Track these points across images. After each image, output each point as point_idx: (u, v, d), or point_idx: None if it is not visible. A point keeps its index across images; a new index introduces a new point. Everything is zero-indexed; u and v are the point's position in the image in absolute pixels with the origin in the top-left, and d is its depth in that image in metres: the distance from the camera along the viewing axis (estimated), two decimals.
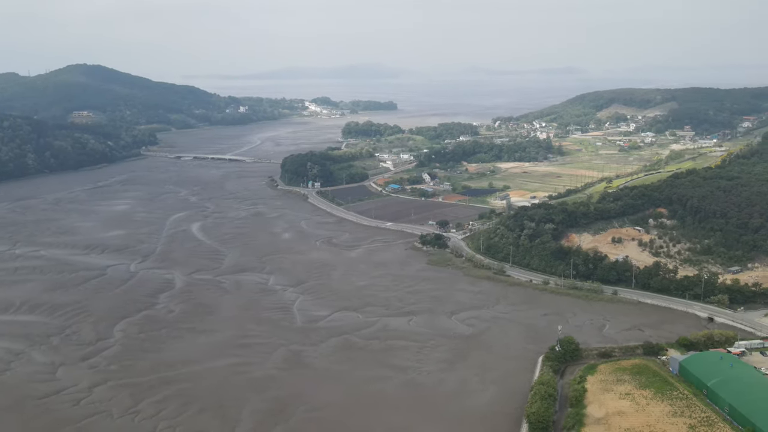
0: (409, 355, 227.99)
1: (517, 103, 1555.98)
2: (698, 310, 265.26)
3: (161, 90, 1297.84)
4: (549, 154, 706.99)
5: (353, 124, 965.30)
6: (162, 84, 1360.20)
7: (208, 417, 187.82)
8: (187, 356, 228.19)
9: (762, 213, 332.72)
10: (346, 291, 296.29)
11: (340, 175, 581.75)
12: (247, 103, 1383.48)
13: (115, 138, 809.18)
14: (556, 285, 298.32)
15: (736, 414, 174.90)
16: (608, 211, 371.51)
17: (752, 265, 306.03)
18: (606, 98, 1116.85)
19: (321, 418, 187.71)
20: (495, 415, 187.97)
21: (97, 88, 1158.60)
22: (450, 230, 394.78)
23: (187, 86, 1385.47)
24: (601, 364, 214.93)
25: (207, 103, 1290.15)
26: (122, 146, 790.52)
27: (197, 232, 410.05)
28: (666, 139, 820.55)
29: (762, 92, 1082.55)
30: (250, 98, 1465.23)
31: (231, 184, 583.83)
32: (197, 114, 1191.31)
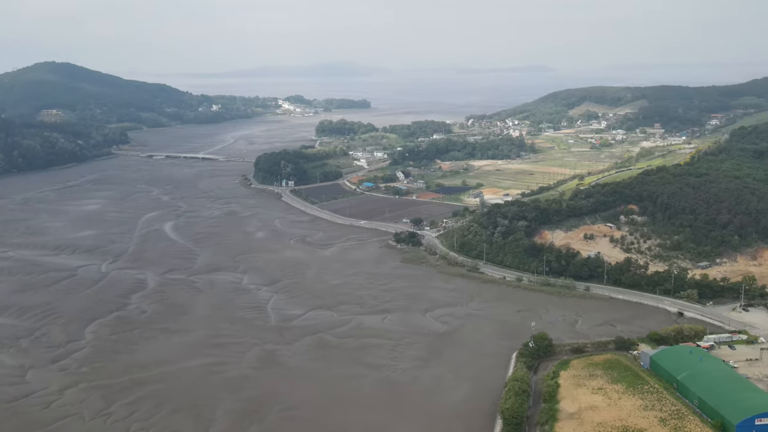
0: (383, 353, 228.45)
1: (491, 101, 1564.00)
2: (668, 305, 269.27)
3: (132, 88, 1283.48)
4: (522, 151, 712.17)
5: (327, 123, 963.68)
6: (133, 82, 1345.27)
7: (181, 418, 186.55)
8: (160, 357, 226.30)
9: (730, 209, 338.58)
10: (321, 289, 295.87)
11: (314, 173, 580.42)
12: (220, 101, 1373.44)
13: (85, 137, 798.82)
14: (529, 282, 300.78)
15: (705, 407, 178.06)
16: (580, 208, 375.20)
17: (720, 261, 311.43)
18: (578, 96, 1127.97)
19: (296, 417, 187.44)
20: (469, 412, 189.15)
21: (66, 86, 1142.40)
22: (424, 228, 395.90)
23: (158, 84, 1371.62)
24: (573, 359, 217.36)
25: (179, 102, 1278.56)
26: (93, 145, 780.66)
27: (170, 231, 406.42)
28: (636, 136, 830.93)
29: (730, 90, 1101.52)
30: (223, 96, 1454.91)
31: (204, 183, 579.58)
32: (169, 112, 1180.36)
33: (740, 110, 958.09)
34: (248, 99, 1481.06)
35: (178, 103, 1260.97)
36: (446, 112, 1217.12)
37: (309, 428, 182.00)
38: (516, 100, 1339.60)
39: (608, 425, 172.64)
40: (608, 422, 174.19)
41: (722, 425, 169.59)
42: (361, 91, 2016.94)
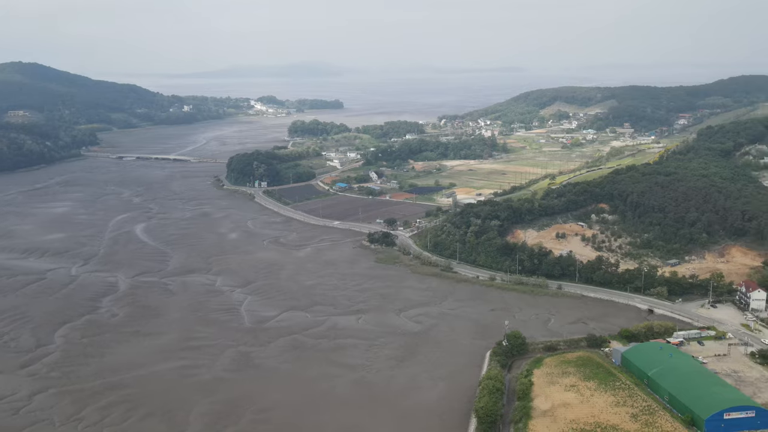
0: (358, 353, 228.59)
1: (463, 101, 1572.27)
2: (639, 302, 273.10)
3: (102, 89, 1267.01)
4: (494, 151, 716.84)
5: (299, 123, 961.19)
6: (102, 83, 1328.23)
7: (154, 422, 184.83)
8: (132, 360, 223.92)
9: (698, 207, 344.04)
10: (295, 291, 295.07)
11: (287, 174, 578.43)
12: (192, 102, 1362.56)
13: (53, 138, 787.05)
14: (502, 280, 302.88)
15: (675, 402, 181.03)
16: (552, 208, 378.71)
17: (689, 258, 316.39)
18: (549, 96, 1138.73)
19: (271, 419, 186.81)
20: (444, 411, 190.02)
21: (33, 86, 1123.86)
22: (397, 228, 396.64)
23: (128, 85, 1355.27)
24: (546, 357, 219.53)
25: (150, 102, 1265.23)
26: (61, 146, 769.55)
27: (141, 233, 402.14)
28: (607, 136, 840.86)
29: (697, 90, 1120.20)
30: (195, 97, 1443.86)
31: (176, 185, 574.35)
32: (140, 113, 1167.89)
33: (707, 110, 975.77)
34: (220, 99, 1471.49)
35: (148, 104, 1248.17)
36: (419, 113, 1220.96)
37: (284, 430, 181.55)
38: (488, 100, 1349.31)
39: (581, 422, 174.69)
40: (581, 419, 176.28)
41: (692, 420, 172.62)
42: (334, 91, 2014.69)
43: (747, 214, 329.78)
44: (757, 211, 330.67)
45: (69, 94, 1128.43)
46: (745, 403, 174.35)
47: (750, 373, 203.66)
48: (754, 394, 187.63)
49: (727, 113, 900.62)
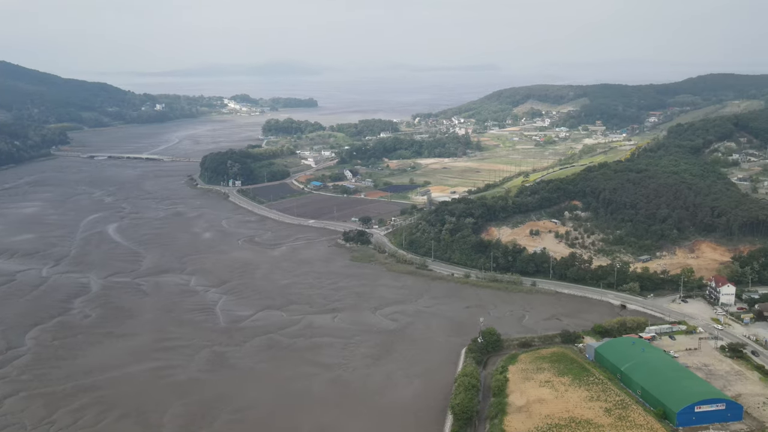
0: (334, 351, 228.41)
1: (437, 100, 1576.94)
2: (612, 298, 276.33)
3: (72, 87, 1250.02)
4: (468, 149, 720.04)
5: (273, 122, 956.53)
6: (72, 81, 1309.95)
7: (128, 424, 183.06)
8: (105, 362, 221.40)
9: (668, 204, 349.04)
10: (270, 290, 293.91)
11: (261, 172, 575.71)
12: (164, 100, 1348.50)
13: (22, 137, 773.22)
14: (477, 278, 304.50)
15: (648, 396, 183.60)
16: (526, 205, 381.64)
17: (660, 254, 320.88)
18: (522, 94, 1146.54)
19: (246, 419, 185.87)
20: (420, 408, 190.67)
21: (1, 85, 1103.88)
22: (373, 226, 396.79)
23: (99, 83, 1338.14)
24: (521, 353, 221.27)
25: (121, 101, 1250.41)
26: (30, 146, 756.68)
27: (114, 233, 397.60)
28: (579, 133, 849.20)
29: (667, 88, 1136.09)
30: (167, 95, 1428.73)
31: (148, 184, 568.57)
32: (111, 112, 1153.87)
33: (677, 108, 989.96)
34: (193, 98, 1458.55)
35: (120, 103, 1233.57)
36: (393, 111, 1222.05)
37: (260, 430, 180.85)
38: (462, 99, 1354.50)
39: (555, 417, 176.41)
40: (555, 414, 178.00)
41: (664, 413, 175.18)
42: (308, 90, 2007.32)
43: (716, 210, 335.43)
44: (726, 207, 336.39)
45: (38, 93, 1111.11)
46: (716, 396, 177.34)
47: (720, 367, 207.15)
48: (725, 387, 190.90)
49: (697, 111, 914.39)
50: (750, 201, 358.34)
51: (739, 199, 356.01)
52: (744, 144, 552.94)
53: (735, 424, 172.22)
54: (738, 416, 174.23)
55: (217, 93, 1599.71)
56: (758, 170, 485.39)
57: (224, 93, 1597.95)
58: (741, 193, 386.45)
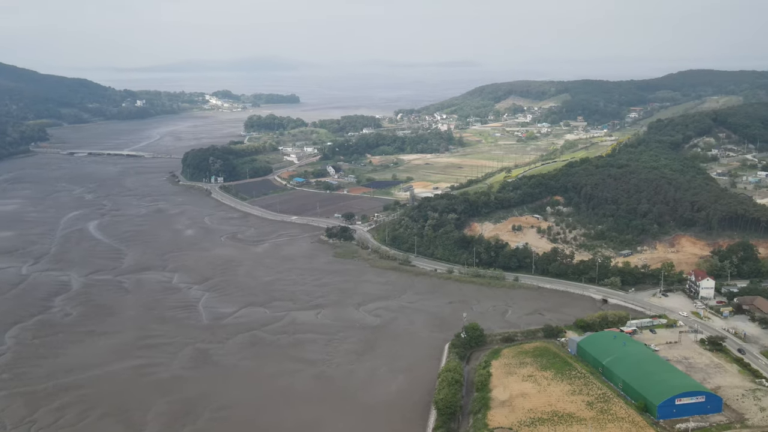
0: (318, 348, 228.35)
1: (419, 96, 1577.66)
2: (593, 292, 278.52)
3: (51, 83, 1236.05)
4: (450, 145, 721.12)
5: (255, 118, 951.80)
6: (51, 77, 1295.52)
7: (110, 422, 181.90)
8: (86, 360, 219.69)
9: (649, 198, 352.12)
10: (253, 286, 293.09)
11: (244, 169, 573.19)
12: (145, 96, 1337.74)
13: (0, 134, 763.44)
14: (460, 273, 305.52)
15: (629, 389, 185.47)
16: (508, 200, 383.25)
17: (641, 248, 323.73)
18: (504, 90, 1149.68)
19: (230, 416, 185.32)
20: (404, 404, 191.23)
21: None
22: (356, 222, 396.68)
23: (78, 79, 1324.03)
24: (504, 348, 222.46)
25: (101, 97, 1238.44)
26: (8, 143, 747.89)
27: (94, 231, 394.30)
28: (561, 129, 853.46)
29: (647, 84, 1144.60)
30: (148, 92, 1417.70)
31: (129, 181, 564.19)
32: (91, 108, 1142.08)
33: (657, 103, 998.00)
34: (174, 94, 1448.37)
35: (100, 99, 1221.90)
36: (375, 107, 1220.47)
37: (243, 427, 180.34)
38: (444, 94, 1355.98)
39: (538, 411, 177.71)
40: (538, 408, 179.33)
41: (645, 406, 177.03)
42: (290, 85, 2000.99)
43: (696, 205, 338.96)
44: (705, 201, 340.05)
45: (17, 89, 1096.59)
46: (696, 389, 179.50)
47: (700, 360, 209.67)
48: (704, 380, 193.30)
49: (676, 107, 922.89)
50: (729, 196, 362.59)
51: (718, 194, 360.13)
52: (723, 139, 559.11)
53: (715, 416, 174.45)
54: (717, 408, 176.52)
55: (198, 89, 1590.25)
56: (737, 165, 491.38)
57: (206, 89, 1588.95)
58: (720, 188, 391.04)
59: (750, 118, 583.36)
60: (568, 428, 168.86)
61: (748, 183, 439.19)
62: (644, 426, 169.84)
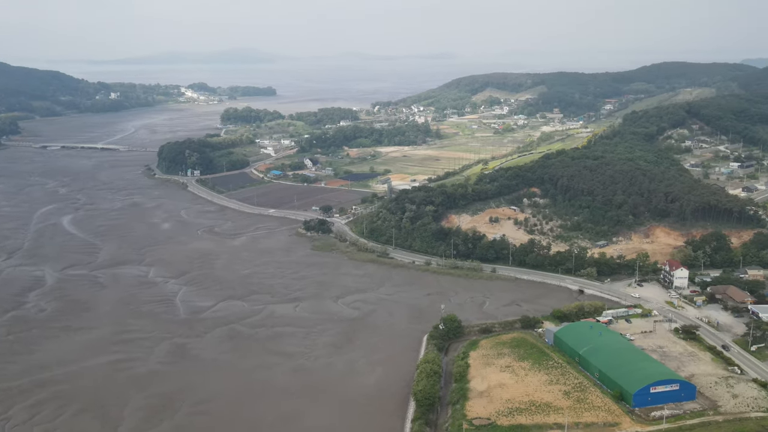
0: (296, 341, 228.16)
1: (396, 88, 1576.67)
2: (570, 283, 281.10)
3: (22, 75, 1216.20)
4: (428, 137, 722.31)
5: (232, 111, 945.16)
6: (22, 69, 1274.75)
7: (87, 418, 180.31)
8: (62, 356, 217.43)
9: (624, 190, 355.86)
10: (231, 280, 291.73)
11: (221, 162, 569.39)
12: (119, 89, 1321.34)
13: None
14: (437, 265, 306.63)
15: (605, 378, 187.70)
16: (485, 192, 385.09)
17: (617, 239, 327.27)
18: (480, 82, 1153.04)
19: (209, 410, 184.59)
20: (383, 395, 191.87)
21: None
22: (333, 215, 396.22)
23: (51, 71, 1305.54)
24: (482, 339, 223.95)
25: (74, 90, 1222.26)
26: None
27: (68, 225, 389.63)
28: (537, 121, 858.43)
29: (622, 76, 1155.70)
30: (122, 84, 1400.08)
31: (104, 174, 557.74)
32: (64, 101, 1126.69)
33: (631, 95, 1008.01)
34: (149, 87, 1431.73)
35: (73, 91, 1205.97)
36: (353, 99, 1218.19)
37: (222, 421, 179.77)
38: (421, 87, 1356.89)
39: (516, 401, 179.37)
40: (516, 398, 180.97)
41: (621, 395, 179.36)
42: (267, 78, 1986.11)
43: (670, 196, 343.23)
44: (679, 192, 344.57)
45: None
46: (670, 377, 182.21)
47: (674, 348, 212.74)
48: (678, 368, 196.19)
49: (651, 98, 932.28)
50: (702, 187, 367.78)
51: (692, 185, 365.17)
52: (696, 131, 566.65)
53: (688, 403, 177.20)
54: (691, 396, 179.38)
55: (173, 81, 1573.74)
56: (710, 156, 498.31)
57: (181, 81, 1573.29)
58: (693, 179, 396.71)
59: (722, 110, 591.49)
60: (546, 417, 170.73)
61: (721, 174, 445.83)
62: (620, 414, 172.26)
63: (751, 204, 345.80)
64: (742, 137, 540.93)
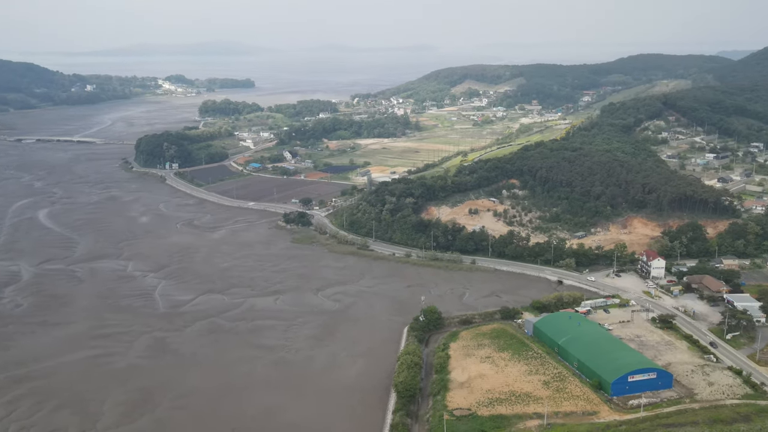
0: (277, 334, 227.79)
1: (375, 80, 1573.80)
2: (549, 274, 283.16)
3: None
4: (407, 129, 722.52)
5: (210, 103, 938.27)
6: None
7: (66, 414, 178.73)
8: (39, 352, 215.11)
9: (602, 181, 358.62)
10: (210, 273, 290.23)
11: (199, 155, 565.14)
12: (95, 81, 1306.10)
13: None
14: (418, 257, 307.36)
15: (584, 368, 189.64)
16: (465, 184, 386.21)
17: (595, 230, 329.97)
18: (459, 74, 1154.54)
19: (189, 405, 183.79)
20: (364, 387, 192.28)
21: None
22: (313, 208, 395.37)
23: (25, 63, 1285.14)
24: (462, 330, 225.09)
25: (49, 82, 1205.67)
26: None
27: (45, 219, 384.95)
28: (516, 113, 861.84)
29: (599, 68, 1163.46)
30: (98, 76, 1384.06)
31: (81, 168, 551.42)
32: (39, 93, 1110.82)
33: (609, 87, 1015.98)
34: (126, 79, 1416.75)
35: (48, 84, 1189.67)
36: (332, 91, 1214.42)
37: (203, 415, 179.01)
38: (400, 79, 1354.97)
39: (496, 391, 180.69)
40: (496, 388, 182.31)
41: (599, 384, 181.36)
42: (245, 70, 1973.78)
43: (647, 187, 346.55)
44: (656, 183, 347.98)
45: None
46: (647, 366, 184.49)
47: (651, 337, 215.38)
48: (655, 357, 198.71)
49: (628, 90, 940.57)
50: (678, 177, 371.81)
51: (669, 176, 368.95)
52: (672, 122, 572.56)
53: (665, 391, 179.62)
54: (668, 384, 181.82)
55: (151, 73, 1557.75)
56: (686, 147, 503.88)
57: (158, 73, 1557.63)
58: (670, 170, 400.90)
59: (698, 102, 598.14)
60: (525, 407, 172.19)
61: (697, 165, 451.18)
62: (598, 403, 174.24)
63: (726, 194, 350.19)
64: (717, 128, 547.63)
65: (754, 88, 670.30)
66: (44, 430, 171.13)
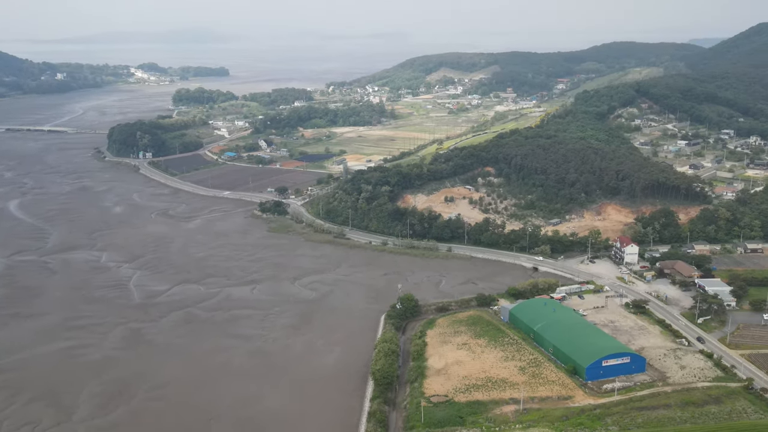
0: (254, 323, 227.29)
1: (350, 68, 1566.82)
2: (524, 261, 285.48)
3: None
4: (383, 117, 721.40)
5: (184, 91, 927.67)
6: None
7: (40, 406, 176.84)
8: (11, 344, 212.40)
9: (577, 168, 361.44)
10: (186, 263, 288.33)
11: (173, 144, 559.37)
12: (65, 69, 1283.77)
13: None
14: (394, 245, 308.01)
15: (559, 353, 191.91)
16: (440, 172, 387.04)
17: (569, 217, 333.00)
18: (435, 62, 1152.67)
19: (165, 395, 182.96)
20: (342, 375, 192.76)
21: None
22: (289, 197, 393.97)
23: None
24: (439, 317, 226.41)
25: (18, 70, 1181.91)
26: None
27: (15, 210, 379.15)
28: (491, 101, 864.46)
29: (573, 56, 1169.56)
30: (69, 64, 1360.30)
31: (52, 158, 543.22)
32: (7, 82, 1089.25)
33: (583, 75, 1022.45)
34: (97, 67, 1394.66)
35: (16, 72, 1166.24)
36: (307, 79, 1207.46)
37: (179, 405, 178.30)
38: (375, 67, 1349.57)
39: (473, 377, 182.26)
40: (473, 375, 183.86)
41: (574, 369, 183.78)
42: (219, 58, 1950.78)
43: (620, 174, 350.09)
44: (629, 170, 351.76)
45: None
46: (621, 350, 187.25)
47: (625, 323, 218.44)
48: (629, 342, 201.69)
49: (601, 78, 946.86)
50: (651, 164, 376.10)
51: (641, 163, 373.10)
52: (645, 110, 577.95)
53: (639, 375, 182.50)
54: (641, 368, 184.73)
55: (123, 62, 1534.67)
56: (658, 135, 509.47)
57: (131, 62, 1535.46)
58: (643, 157, 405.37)
59: (670, 89, 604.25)
60: (502, 393, 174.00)
61: (669, 152, 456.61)
62: (573, 388, 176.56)
63: (697, 181, 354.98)
64: (689, 116, 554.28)
65: (724, 76, 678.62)
66: (18, 423, 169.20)
